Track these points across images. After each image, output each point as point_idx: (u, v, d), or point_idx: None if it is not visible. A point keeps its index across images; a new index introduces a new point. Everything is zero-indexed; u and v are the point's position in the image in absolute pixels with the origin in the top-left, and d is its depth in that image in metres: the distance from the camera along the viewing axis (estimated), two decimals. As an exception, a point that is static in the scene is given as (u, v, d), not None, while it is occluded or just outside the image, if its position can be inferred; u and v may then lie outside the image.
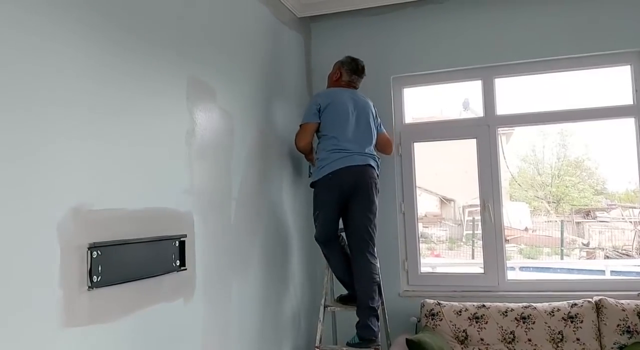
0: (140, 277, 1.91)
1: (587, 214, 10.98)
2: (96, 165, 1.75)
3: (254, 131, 2.95)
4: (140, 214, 1.95)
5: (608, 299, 3.06)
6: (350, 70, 3.20)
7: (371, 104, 3.21)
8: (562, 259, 8.57)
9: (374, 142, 3.14)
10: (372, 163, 3.05)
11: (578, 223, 10.85)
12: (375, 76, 3.67)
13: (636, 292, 3.21)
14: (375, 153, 3.12)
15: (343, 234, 3.12)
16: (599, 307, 3.04)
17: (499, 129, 3.58)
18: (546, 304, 3.13)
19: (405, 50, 3.68)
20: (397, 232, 3.66)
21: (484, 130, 3.57)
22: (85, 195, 1.70)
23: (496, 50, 3.50)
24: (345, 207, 3.00)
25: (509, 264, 3.68)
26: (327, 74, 3.36)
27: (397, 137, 3.71)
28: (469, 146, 3.67)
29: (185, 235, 2.18)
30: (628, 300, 3.06)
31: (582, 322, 3.02)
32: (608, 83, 3.62)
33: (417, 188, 3.72)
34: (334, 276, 3.26)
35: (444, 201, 11.87)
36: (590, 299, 3.09)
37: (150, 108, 2.04)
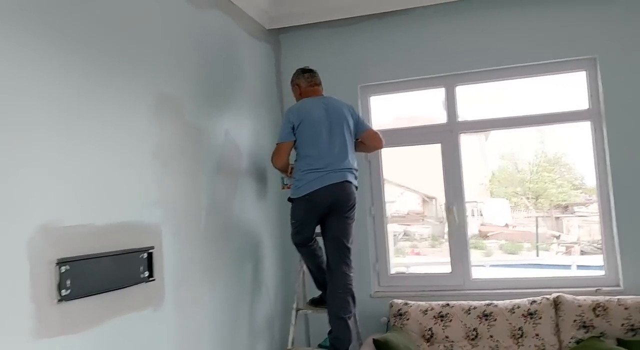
0: (108, 289, 2.02)
1: (566, 208, 11.21)
2: (64, 182, 1.86)
3: (223, 142, 3.06)
4: (108, 229, 2.06)
5: (565, 295, 3.21)
6: (301, 73, 3.26)
7: (347, 107, 3.19)
8: (537, 254, 8.78)
9: (350, 153, 3.11)
10: (350, 177, 3.05)
11: (557, 218, 11.08)
12: (343, 85, 3.81)
13: (594, 288, 3.38)
14: (353, 165, 3.10)
15: (317, 238, 3.20)
16: (556, 303, 3.20)
17: (461, 134, 3.73)
18: (507, 301, 3.28)
19: (371, 60, 3.81)
20: (367, 235, 3.79)
21: (448, 136, 3.72)
22: (54, 212, 1.81)
23: (457, 59, 3.64)
24: (323, 219, 3.07)
25: (482, 261, 3.83)
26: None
27: (366, 143, 3.84)
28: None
29: (152, 247, 2.28)
30: (585, 296, 3.21)
31: (541, 318, 3.17)
32: (567, 88, 3.77)
33: (395, 187, 3.85)
34: (305, 281, 3.38)
35: (426, 199, 12.06)
36: (548, 296, 3.24)
37: (117, 124, 2.15)
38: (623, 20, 3.38)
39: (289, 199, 3.13)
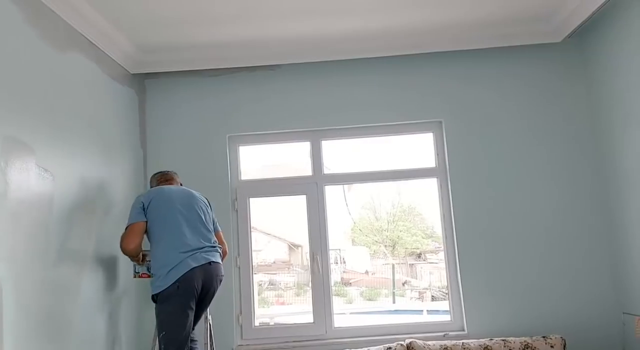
0: None
1: (419, 256, 12.04)
2: None
3: (79, 189, 2.87)
4: None
5: (417, 341, 3.41)
6: (154, 175, 3.20)
7: (201, 197, 3.03)
8: (394, 301, 9.23)
9: (212, 228, 2.93)
10: (218, 258, 2.86)
11: (411, 265, 11.82)
12: (212, 134, 3.83)
13: (443, 333, 3.64)
14: (216, 243, 2.92)
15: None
16: (409, 349, 3.38)
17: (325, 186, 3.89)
18: (364, 349, 3.40)
19: (241, 111, 3.88)
20: (232, 287, 3.73)
21: (313, 188, 3.87)
22: None
23: (322, 115, 3.85)
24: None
25: (344, 309, 3.95)
26: (163, 130, 3.67)
27: (233, 193, 3.85)
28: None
29: (-11, 307, 2.05)
30: (434, 341, 3.44)
31: (396, 363, 3.33)
32: (419, 147, 4.12)
33: (264, 236, 3.84)
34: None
35: (292, 247, 12.20)
36: (402, 342, 3.42)
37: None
38: (464, 89, 3.84)
39: (154, 298, 2.73)
